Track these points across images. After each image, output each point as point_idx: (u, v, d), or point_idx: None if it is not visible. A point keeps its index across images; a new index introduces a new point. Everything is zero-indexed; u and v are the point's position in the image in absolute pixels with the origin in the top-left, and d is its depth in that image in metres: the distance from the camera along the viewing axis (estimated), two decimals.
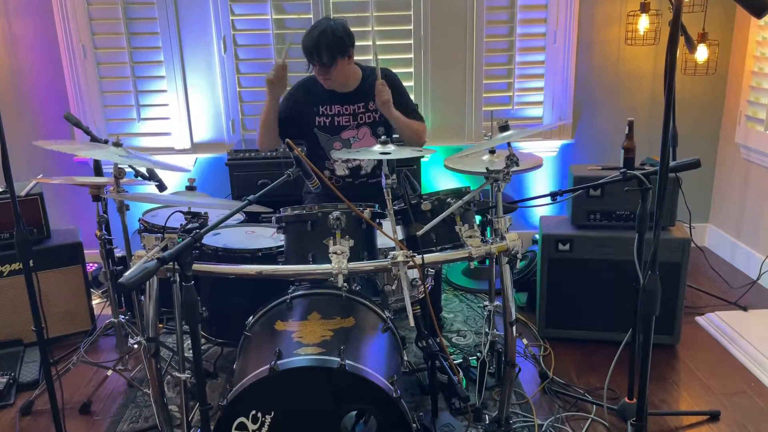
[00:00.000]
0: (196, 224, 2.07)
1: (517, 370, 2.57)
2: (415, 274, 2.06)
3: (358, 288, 2.29)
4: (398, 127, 2.82)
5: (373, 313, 2.18)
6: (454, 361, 2.45)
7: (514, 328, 2.20)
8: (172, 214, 2.14)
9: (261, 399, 1.82)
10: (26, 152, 3.57)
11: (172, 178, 3.85)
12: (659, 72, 3.88)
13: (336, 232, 2.05)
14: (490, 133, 2.80)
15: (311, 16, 3.69)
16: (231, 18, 3.72)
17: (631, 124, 2.73)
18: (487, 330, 2.69)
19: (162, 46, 3.74)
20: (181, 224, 2.11)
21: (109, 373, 2.72)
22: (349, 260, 2.00)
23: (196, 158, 3.93)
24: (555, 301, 2.99)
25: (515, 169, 2.21)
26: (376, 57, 2.78)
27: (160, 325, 3.03)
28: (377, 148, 2.14)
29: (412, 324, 2.02)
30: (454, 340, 3.08)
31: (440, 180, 4.00)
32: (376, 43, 3.67)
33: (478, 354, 2.73)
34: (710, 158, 4.04)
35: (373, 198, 2.29)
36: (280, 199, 2.44)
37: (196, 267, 1.85)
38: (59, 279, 3.07)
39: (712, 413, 2.50)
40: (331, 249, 2.02)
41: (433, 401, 2.36)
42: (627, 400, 2.45)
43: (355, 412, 1.91)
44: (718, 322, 3.14)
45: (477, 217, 2.37)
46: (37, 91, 3.78)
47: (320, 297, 2.19)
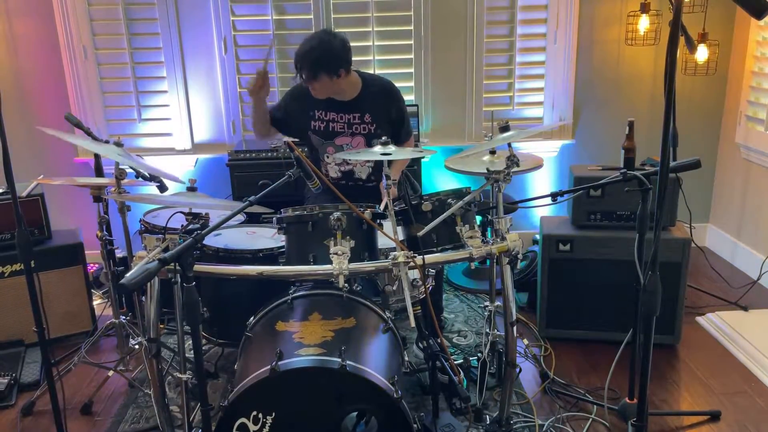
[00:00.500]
0: (197, 225, 2.08)
1: (517, 370, 2.57)
2: (415, 274, 2.06)
3: (358, 288, 2.29)
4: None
5: (374, 313, 2.18)
6: (455, 362, 2.46)
7: (515, 328, 2.19)
8: (173, 214, 2.14)
9: (262, 400, 1.82)
10: (27, 153, 3.57)
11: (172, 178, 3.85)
12: (659, 72, 3.88)
13: (337, 232, 2.06)
14: (490, 134, 2.80)
15: (311, 16, 3.69)
16: (231, 18, 3.73)
17: (631, 124, 2.73)
18: (487, 330, 2.68)
19: (162, 46, 3.75)
20: (182, 225, 2.11)
21: (110, 373, 2.72)
22: (350, 261, 2.00)
23: (197, 159, 3.94)
24: (555, 302, 2.99)
25: (516, 169, 2.21)
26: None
27: (161, 326, 3.05)
28: (378, 149, 2.14)
29: (413, 324, 2.02)
30: (454, 340, 3.08)
31: (441, 180, 4.00)
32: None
33: (479, 354, 2.73)
34: (710, 158, 4.04)
35: (369, 201, 2.28)
36: (281, 200, 2.44)
37: (197, 268, 1.86)
38: (60, 279, 3.07)
39: (712, 413, 2.50)
40: (332, 249, 2.02)
41: (434, 401, 2.36)
42: (627, 400, 2.45)
43: (356, 413, 1.91)
44: (718, 322, 3.14)
45: (477, 218, 2.37)
46: (37, 92, 3.78)
47: (321, 297, 2.19)
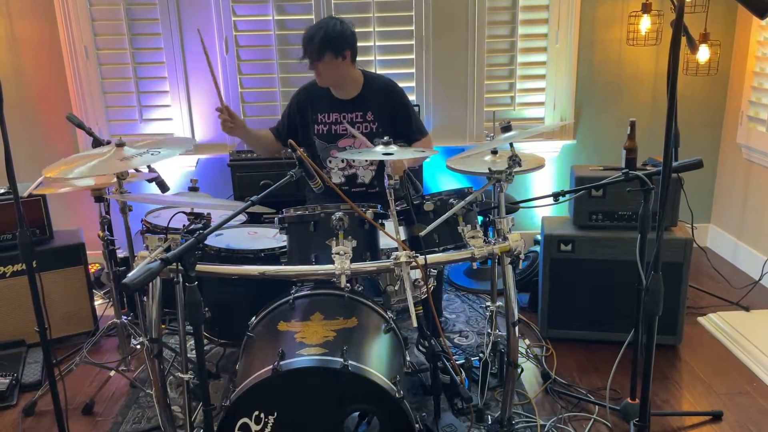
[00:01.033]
0: (200, 225, 2.08)
1: (519, 370, 2.58)
2: (417, 274, 2.06)
3: (360, 288, 2.29)
4: (411, 164, 2.78)
5: (376, 313, 2.18)
6: (457, 362, 2.45)
7: (517, 328, 2.19)
8: (175, 214, 2.14)
9: (264, 399, 1.82)
10: (28, 153, 3.57)
11: (175, 178, 3.85)
12: (661, 72, 3.87)
13: (339, 232, 2.06)
14: (492, 134, 2.80)
15: (313, 16, 3.69)
16: (233, 19, 3.73)
17: (632, 124, 2.72)
18: (489, 330, 2.68)
19: (164, 47, 3.75)
20: (184, 225, 2.11)
21: (112, 373, 2.72)
22: (352, 261, 2.00)
23: (198, 159, 3.93)
24: (557, 302, 2.99)
25: (517, 169, 2.21)
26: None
27: (163, 326, 3.05)
28: (380, 149, 2.14)
29: (415, 324, 2.02)
30: (456, 340, 3.08)
31: (442, 181, 4.00)
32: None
33: (481, 354, 2.73)
34: (712, 158, 4.04)
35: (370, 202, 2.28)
36: (283, 200, 2.44)
37: (199, 268, 1.85)
38: (62, 280, 3.07)
39: (714, 413, 2.49)
40: (334, 249, 2.02)
41: (436, 402, 2.36)
42: (629, 401, 2.45)
43: (357, 413, 1.91)
44: (720, 323, 3.14)
45: (479, 218, 2.37)
46: (39, 92, 3.79)
47: (323, 297, 2.19)
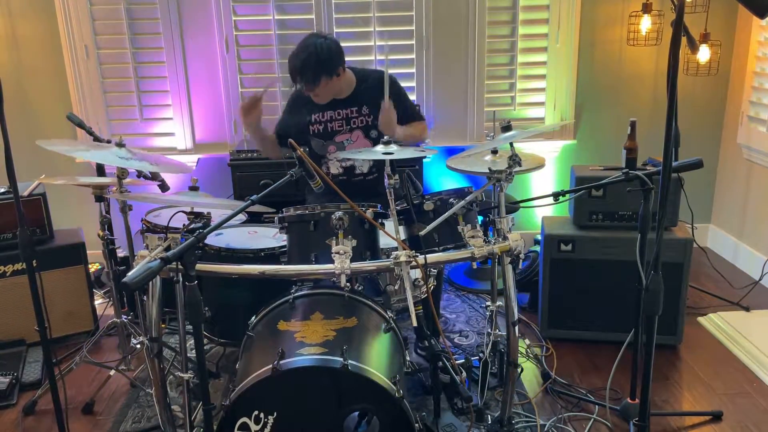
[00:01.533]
0: (199, 224, 2.07)
1: (519, 370, 2.58)
2: (417, 274, 2.06)
3: (360, 288, 2.29)
4: (401, 139, 2.80)
5: (376, 313, 2.18)
6: (457, 362, 2.45)
7: (517, 328, 2.19)
8: (175, 214, 2.14)
9: (264, 399, 1.82)
10: (29, 152, 3.56)
11: (175, 178, 3.85)
12: (661, 72, 3.87)
13: (339, 232, 2.06)
14: (492, 134, 2.80)
15: (313, 16, 3.69)
16: (233, 18, 3.73)
17: (633, 124, 2.72)
18: (489, 330, 2.68)
19: (164, 46, 3.75)
20: (184, 224, 2.11)
21: (112, 373, 2.72)
22: (352, 260, 2.00)
23: (198, 158, 3.94)
24: (557, 302, 2.99)
25: (518, 169, 2.21)
26: (387, 77, 2.58)
27: (163, 325, 3.05)
28: (380, 148, 2.14)
29: (415, 324, 2.02)
30: (456, 340, 3.08)
31: (442, 180, 4.00)
32: (388, 58, 3.58)
33: (481, 354, 2.73)
34: (712, 158, 4.04)
35: (371, 195, 2.29)
36: (283, 200, 2.44)
37: (199, 267, 1.85)
38: (62, 279, 3.07)
39: (714, 413, 2.49)
40: (334, 249, 2.02)
41: (436, 401, 2.37)
42: (629, 401, 2.45)
43: (357, 412, 1.91)
44: (720, 323, 3.14)
45: (479, 218, 2.37)
46: (39, 91, 3.79)
47: (323, 297, 2.18)
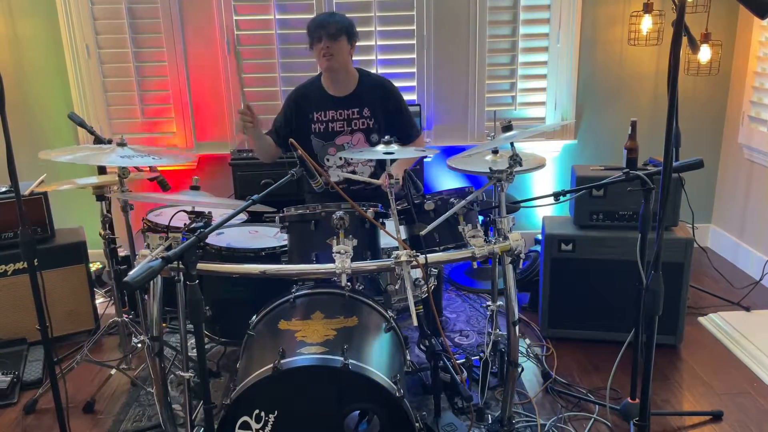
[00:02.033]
0: (200, 223, 2.07)
1: (520, 369, 2.58)
2: (418, 273, 2.06)
3: (361, 287, 2.29)
4: (405, 167, 2.80)
5: (376, 312, 2.18)
6: (457, 361, 2.46)
7: (517, 327, 2.19)
8: (176, 213, 2.14)
9: (264, 398, 1.82)
10: (30, 152, 3.57)
11: (175, 177, 3.86)
12: (662, 72, 3.87)
13: (339, 231, 2.06)
14: (493, 133, 2.80)
15: (314, 16, 3.69)
16: (235, 18, 3.73)
17: (634, 124, 2.72)
18: (489, 330, 2.69)
19: (165, 45, 3.75)
20: (185, 223, 2.11)
21: (113, 372, 2.73)
22: (353, 260, 2.00)
23: (199, 158, 3.94)
24: (558, 301, 2.99)
25: (518, 169, 2.21)
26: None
27: (164, 325, 3.05)
28: (380, 147, 2.14)
29: (416, 324, 2.02)
30: (456, 339, 3.08)
31: (443, 180, 4.00)
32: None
33: (481, 354, 2.73)
34: (713, 158, 4.03)
35: (371, 201, 2.28)
36: (283, 199, 2.44)
37: (200, 266, 1.86)
38: (63, 278, 3.08)
39: (714, 413, 2.49)
40: (335, 248, 2.02)
41: (436, 401, 2.37)
42: (630, 400, 2.45)
43: (358, 412, 1.91)
44: (720, 323, 3.14)
45: (479, 217, 2.37)
46: (40, 91, 3.79)
47: (323, 296, 2.19)
